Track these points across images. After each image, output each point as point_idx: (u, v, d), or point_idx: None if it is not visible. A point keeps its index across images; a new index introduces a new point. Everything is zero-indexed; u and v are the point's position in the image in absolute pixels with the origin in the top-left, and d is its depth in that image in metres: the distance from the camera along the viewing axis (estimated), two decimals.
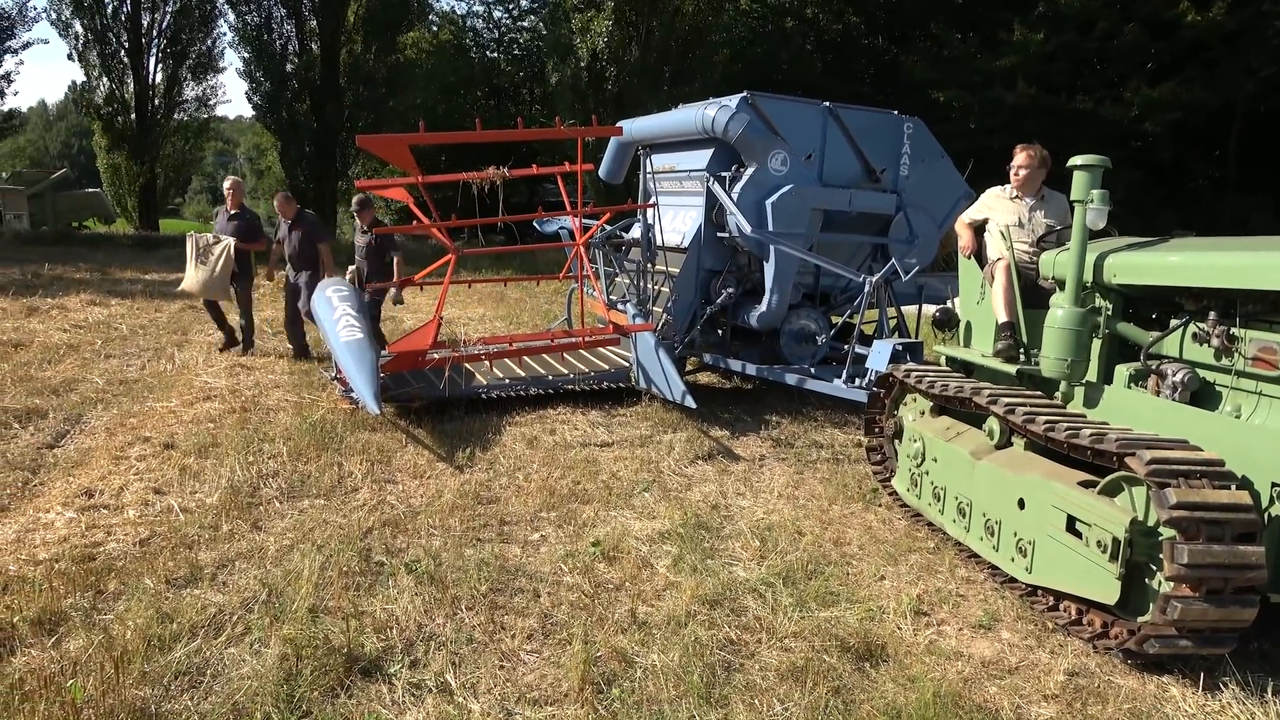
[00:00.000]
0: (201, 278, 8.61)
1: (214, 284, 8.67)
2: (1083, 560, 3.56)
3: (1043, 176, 5.22)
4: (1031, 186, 5.20)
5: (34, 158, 65.90)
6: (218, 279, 8.62)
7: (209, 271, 8.56)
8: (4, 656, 3.14)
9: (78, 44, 27.95)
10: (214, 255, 8.58)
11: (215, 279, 8.62)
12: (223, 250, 8.58)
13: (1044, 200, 5.20)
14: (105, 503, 4.83)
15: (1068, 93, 23.41)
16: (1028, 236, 5.17)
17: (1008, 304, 5.08)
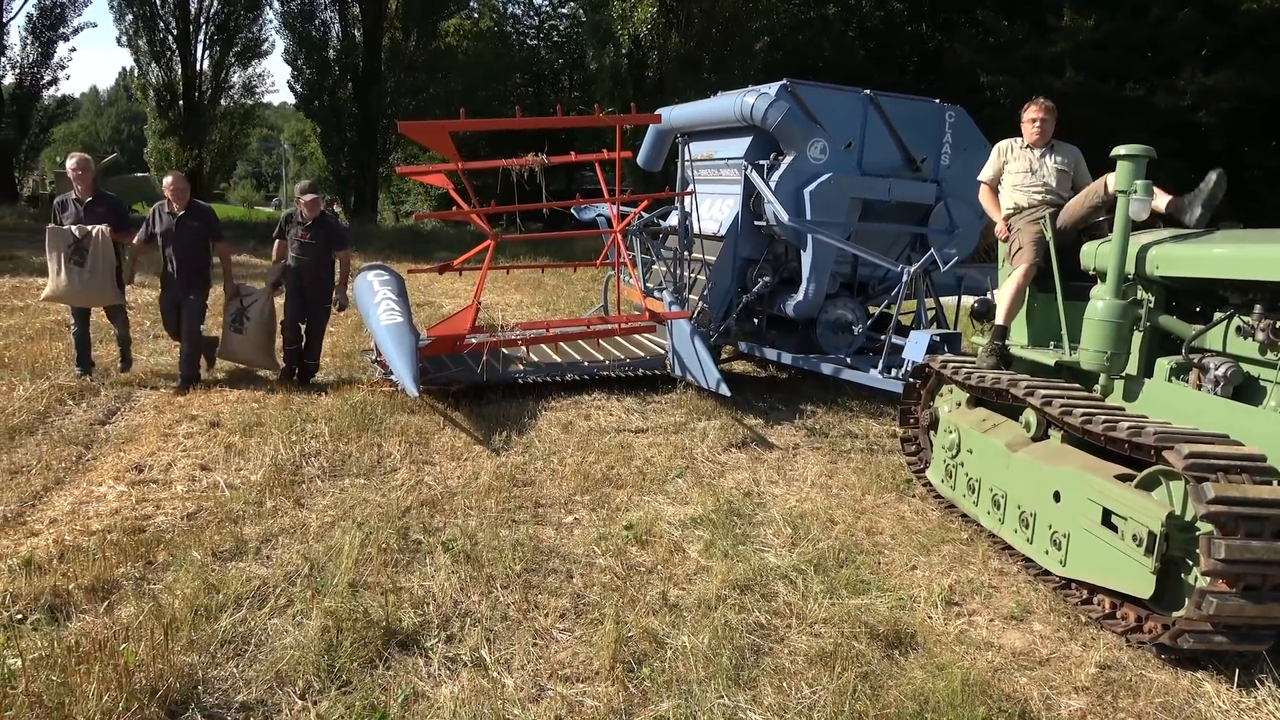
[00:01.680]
0: (80, 281, 6.77)
1: (97, 285, 6.84)
2: (1118, 554, 3.54)
3: (1054, 122, 5.31)
4: (1045, 137, 5.27)
5: (86, 143, 67.39)
6: (101, 279, 6.83)
7: (88, 271, 6.76)
8: (61, 621, 3.28)
9: (128, 30, 28.52)
10: (92, 251, 6.77)
11: (98, 279, 6.82)
12: (101, 243, 6.79)
13: (1053, 149, 5.27)
14: (154, 477, 4.98)
15: (1117, 80, 22.86)
16: (1039, 182, 5.25)
17: (1011, 309, 5.12)
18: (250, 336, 7.20)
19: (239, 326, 7.18)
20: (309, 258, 7.23)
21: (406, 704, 2.90)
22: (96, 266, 6.80)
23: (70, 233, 6.76)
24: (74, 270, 6.75)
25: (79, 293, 6.89)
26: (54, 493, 4.67)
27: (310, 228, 7.20)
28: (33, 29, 27.96)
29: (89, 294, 6.93)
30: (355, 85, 29.75)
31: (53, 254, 6.74)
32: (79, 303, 7.03)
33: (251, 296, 7.23)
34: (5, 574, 3.59)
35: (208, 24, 29.38)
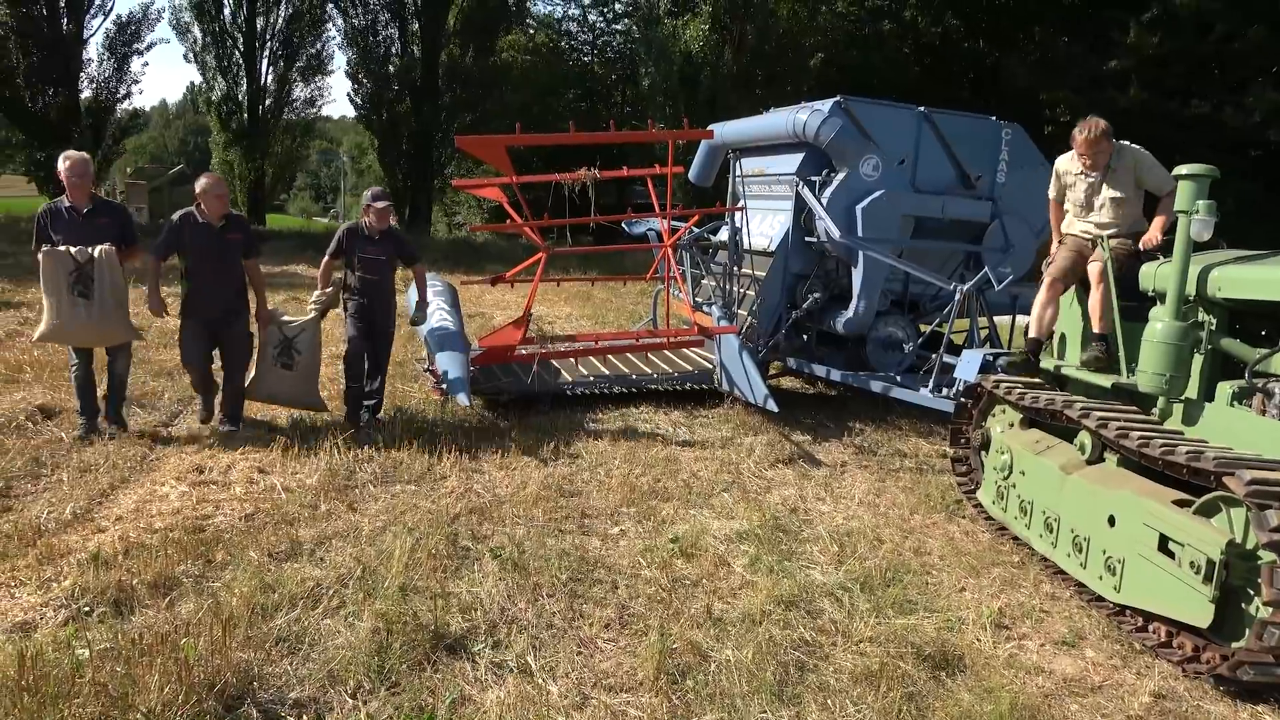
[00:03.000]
0: (87, 316, 5.44)
1: (109, 320, 5.52)
2: (1175, 581, 3.46)
3: (1106, 146, 4.97)
4: (1101, 161, 4.99)
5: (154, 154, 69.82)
6: (111, 312, 5.49)
7: (96, 304, 5.43)
8: (125, 614, 3.40)
9: (195, 46, 29.56)
10: (98, 278, 5.41)
11: (109, 313, 5.48)
12: (108, 266, 5.45)
13: (1110, 171, 4.99)
14: (214, 479, 5.13)
15: (1182, 97, 22.34)
16: (1094, 221, 5.05)
17: (1041, 321, 5.07)
18: (300, 372, 6.14)
19: (287, 361, 6.12)
20: (378, 276, 6.30)
21: (453, 707, 2.95)
22: (105, 297, 5.46)
23: (70, 257, 5.38)
24: (78, 304, 5.42)
25: (85, 331, 5.56)
26: (120, 491, 4.84)
27: (379, 241, 6.27)
28: (109, 45, 29.09)
29: (98, 332, 5.60)
30: (413, 100, 30.39)
31: (50, 284, 5.38)
32: (85, 343, 5.71)
33: (295, 325, 6.15)
34: (75, 568, 3.73)
35: (272, 40, 30.33)
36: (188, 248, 5.80)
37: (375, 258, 6.26)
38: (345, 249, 6.27)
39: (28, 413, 6.04)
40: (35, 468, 5.08)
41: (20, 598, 3.51)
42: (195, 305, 5.90)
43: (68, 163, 5.54)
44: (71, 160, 5.54)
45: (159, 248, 5.83)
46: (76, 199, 5.57)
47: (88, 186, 5.62)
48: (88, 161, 5.62)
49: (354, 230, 6.33)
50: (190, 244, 5.78)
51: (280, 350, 6.09)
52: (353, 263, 6.28)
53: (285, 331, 6.12)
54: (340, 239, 6.29)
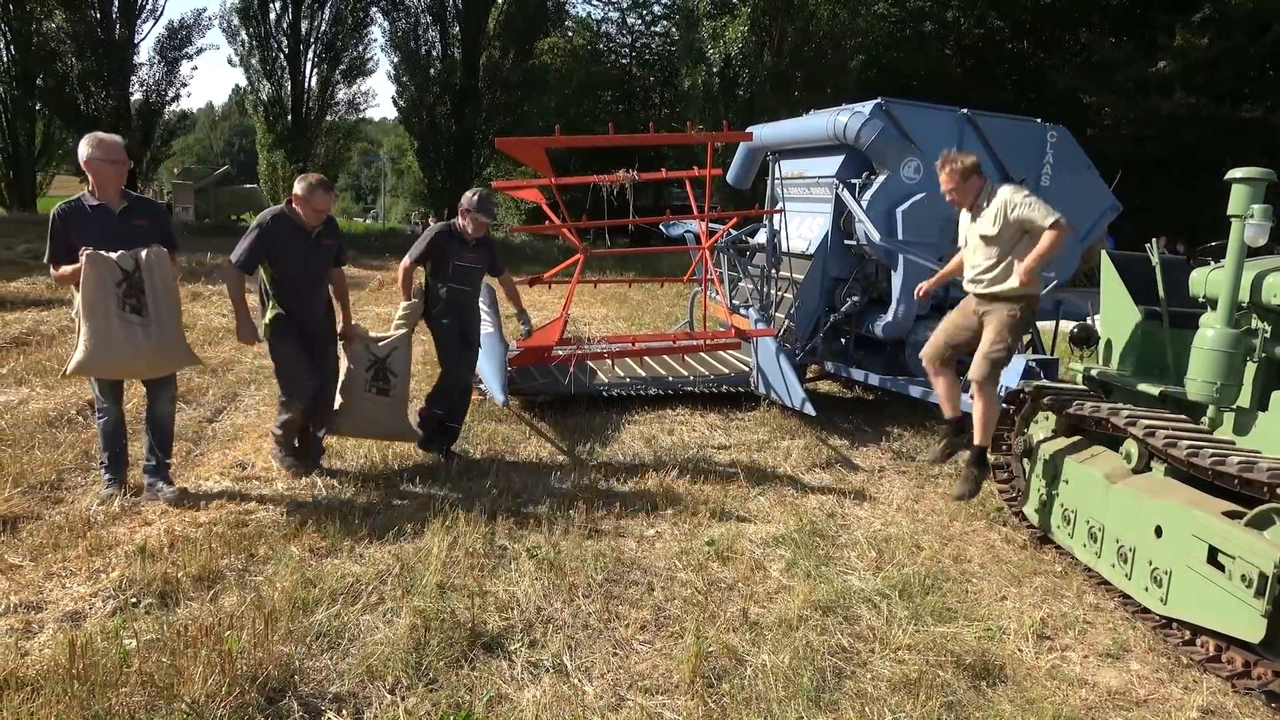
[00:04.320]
0: (144, 340, 4.34)
1: (169, 343, 4.48)
2: (1225, 594, 3.38)
3: (975, 183, 4.84)
4: (968, 199, 4.87)
5: (200, 155, 71.25)
6: (171, 332, 4.47)
7: (154, 323, 4.36)
8: (170, 606, 3.47)
9: (243, 50, 30.14)
10: (151, 289, 4.34)
11: (169, 333, 4.45)
12: (162, 274, 4.40)
13: (980, 208, 4.84)
14: (256, 474, 5.22)
15: (1233, 100, 21.85)
16: (970, 261, 4.92)
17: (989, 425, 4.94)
18: (396, 398, 5.34)
19: (383, 386, 5.26)
20: (472, 287, 5.67)
21: (490, 705, 2.96)
22: (162, 314, 4.38)
23: (114, 264, 4.22)
24: (131, 323, 4.28)
25: (139, 358, 4.37)
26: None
27: (476, 248, 5.60)
28: (160, 49, 29.77)
29: (155, 357, 4.45)
30: (453, 102, 30.69)
31: (92, 298, 4.20)
32: (134, 372, 4.59)
33: (387, 343, 5.33)
34: (122, 560, 3.82)
35: (316, 43, 30.81)
36: (279, 256, 4.90)
37: (471, 266, 5.59)
38: (437, 254, 5.53)
39: (78, 407, 6.20)
40: (85, 461, 5.21)
41: (71, 588, 3.60)
42: (290, 325, 4.97)
43: (99, 145, 4.31)
44: (104, 142, 4.34)
45: (246, 256, 4.81)
46: (107, 194, 4.37)
47: (123, 178, 4.46)
48: (122, 146, 4.47)
49: (449, 234, 5.57)
50: (282, 251, 4.89)
51: (374, 373, 5.25)
52: (444, 270, 5.52)
53: (375, 350, 5.28)
54: (432, 242, 5.51)
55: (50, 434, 5.62)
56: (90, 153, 4.31)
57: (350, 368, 5.27)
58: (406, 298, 5.58)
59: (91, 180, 4.37)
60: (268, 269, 4.93)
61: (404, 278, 5.59)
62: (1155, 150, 22.50)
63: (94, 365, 4.33)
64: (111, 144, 4.37)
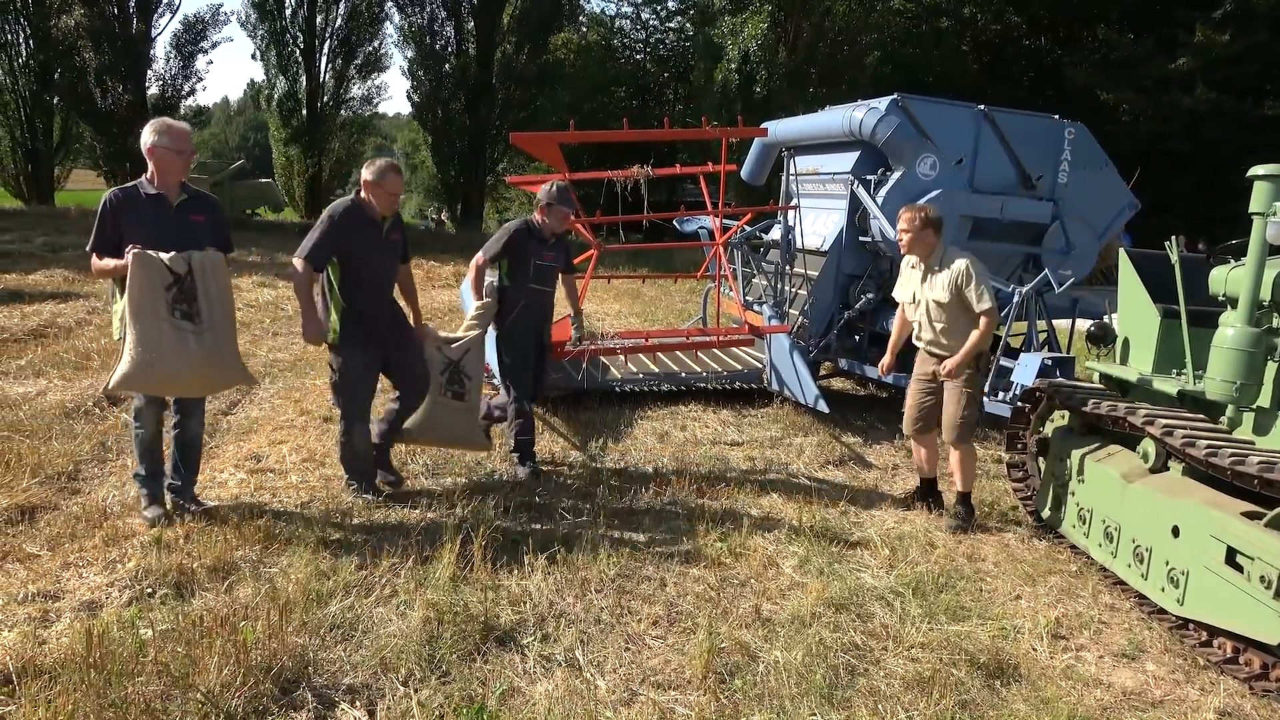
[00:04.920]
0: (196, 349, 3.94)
1: (222, 355, 4.08)
2: (1243, 595, 3.35)
3: (930, 238, 4.83)
4: (920, 251, 4.87)
5: (215, 149, 71.60)
6: (226, 343, 4.10)
7: (208, 331, 3.96)
8: (186, 597, 3.49)
9: (261, 44, 30.26)
10: (205, 294, 3.96)
11: (223, 344, 4.08)
12: (216, 280, 4.02)
13: (933, 271, 4.84)
14: (271, 467, 5.25)
15: (1255, 97, 21.62)
16: (919, 318, 4.92)
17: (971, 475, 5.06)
18: (470, 403, 5.05)
19: (458, 390, 4.95)
20: (551, 288, 5.43)
21: (503, 699, 2.97)
22: (216, 322, 3.99)
23: (163, 265, 3.83)
24: (183, 330, 3.89)
25: (190, 371, 3.95)
26: None
27: (554, 246, 5.34)
28: (176, 44, 29.92)
29: (208, 372, 4.05)
30: (467, 97, 30.71)
31: (139, 302, 3.79)
32: (184, 388, 4.13)
33: (460, 344, 5.03)
34: (138, 550, 3.84)
35: (332, 38, 30.90)
36: (349, 250, 4.53)
37: (550, 265, 5.31)
38: (515, 253, 5.21)
39: (95, 399, 6.24)
40: (101, 452, 5.25)
41: (88, 577, 3.63)
42: (360, 330, 4.59)
43: (166, 132, 4.00)
44: (173, 129, 4.03)
45: (317, 251, 4.43)
46: (167, 184, 4.04)
47: (187, 169, 4.16)
48: (190, 134, 4.16)
49: (528, 231, 5.24)
50: (352, 245, 4.53)
51: (449, 377, 4.94)
52: (523, 271, 5.20)
53: (448, 353, 4.97)
54: (510, 240, 5.18)
55: (67, 425, 5.67)
56: (155, 140, 3.99)
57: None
58: (478, 296, 5.21)
59: (152, 168, 4.04)
60: (334, 266, 4.55)
61: (476, 275, 5.20)
62: (1175, 147, 22.32)
63: (141, 377, 3.87)
64: (180, 132, 4.07)
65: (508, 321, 5.27)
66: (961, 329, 4.82)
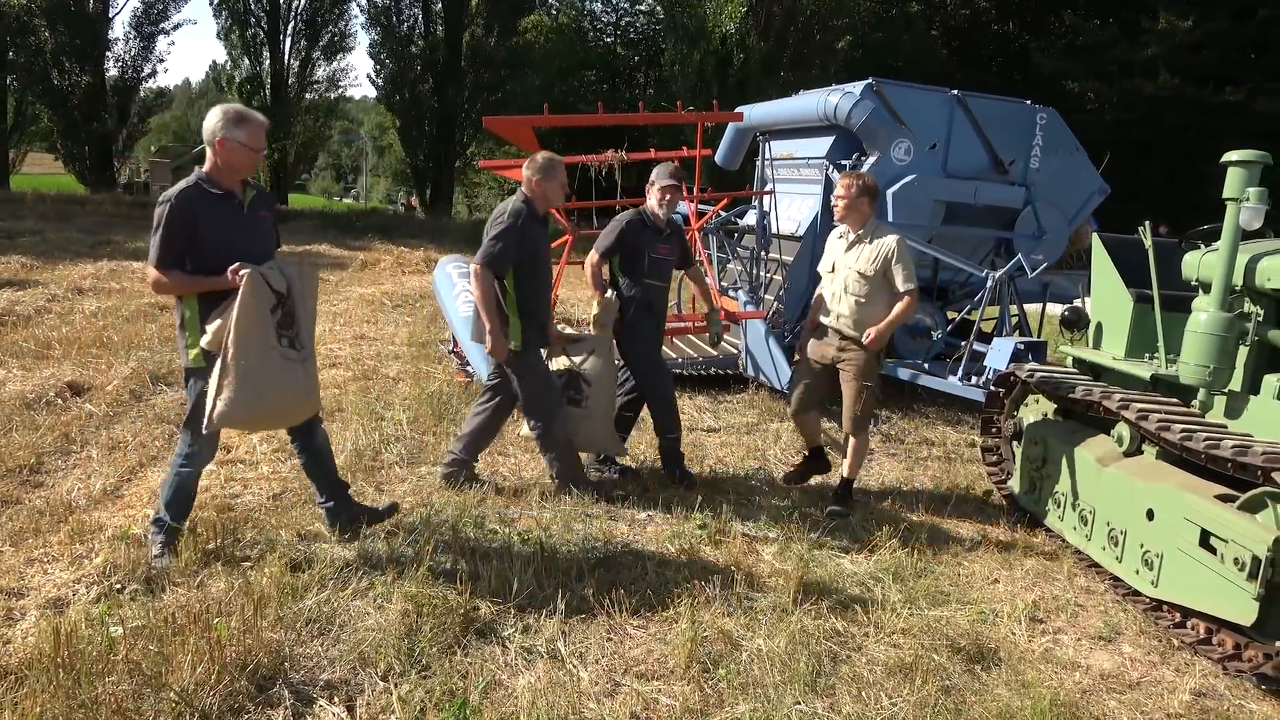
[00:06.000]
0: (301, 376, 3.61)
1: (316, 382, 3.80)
2: (1217, 577, 3.39)
3: (865, 208, 4.73)
4: (854, 220, 4.75)
5: (177, 133, 70.10)
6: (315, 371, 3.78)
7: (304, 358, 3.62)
8: (156, 592, 3.40)
9: (224, 25, 29.65)
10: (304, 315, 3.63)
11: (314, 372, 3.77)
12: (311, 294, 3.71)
13: (861, 241, 4.74)
14: (241, 458, 5.15)
15: (1216, 84, 21.94)
16: (836, 289, 4.78)
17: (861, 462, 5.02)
18: (594, 411, 4.81)
19: (575, 395, 4.78)
20: (666, 283, 5.14)
21: (485, 692, 2.93)
22: (309, 345, 3.68)
23: (268, 286, 3.43)
24: (292, 363, 3.54)
25: (296, 404, 3.67)
26: (149, 469, 4.86)
27: (669, 237, 4.99)
28: (136, 24, 29.22)
29: (307, 402, 3.73)
30: (435, 80, 30.34)
31: (248, 330, 3.36)
32: (283, 419, 3.77)
33: (581, 345, 4.84)
34: (106, 545, 3.74)
35: (296, 19, 30.35)
36: (525, 254, 4.38)
37: (666, 258, 5.00)
38: (629, 247, 4.89)
39: (57, 389, 6.08)
40: (65, 444, 5.12)
41: (53, 574, 3.53)
42: (535, 331, 4.53)
43: (244, 124, 3.49)
44: (251, 122, 3.52)
45: (504, 258, 4.31)
46: (233, 181, 3.56)
47: (255, 168, 3.75)
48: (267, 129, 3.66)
49: (641, 222, 4.90)
50: (530, 248, 4.39)
51: (566, 381, 4.76)
52: (639, 266, 4.88)
53: (571, 353, 4.81)
54: (624, 232, 4.85)
55: (29, 416, 5.51)
56: (228, 132, 3.45)
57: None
58: (598, 294, 4.84)
59: (219, 163, 3.49)
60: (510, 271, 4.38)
61: (594, 274, 4.85)
62: (1139, 134, 22.61)
63: (246, 414, 3.45)
64: (258, 126, 3.54)
65: (626, 320, 4.94)
66: (878, 305, 4.71)
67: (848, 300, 4.79)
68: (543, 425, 4.64)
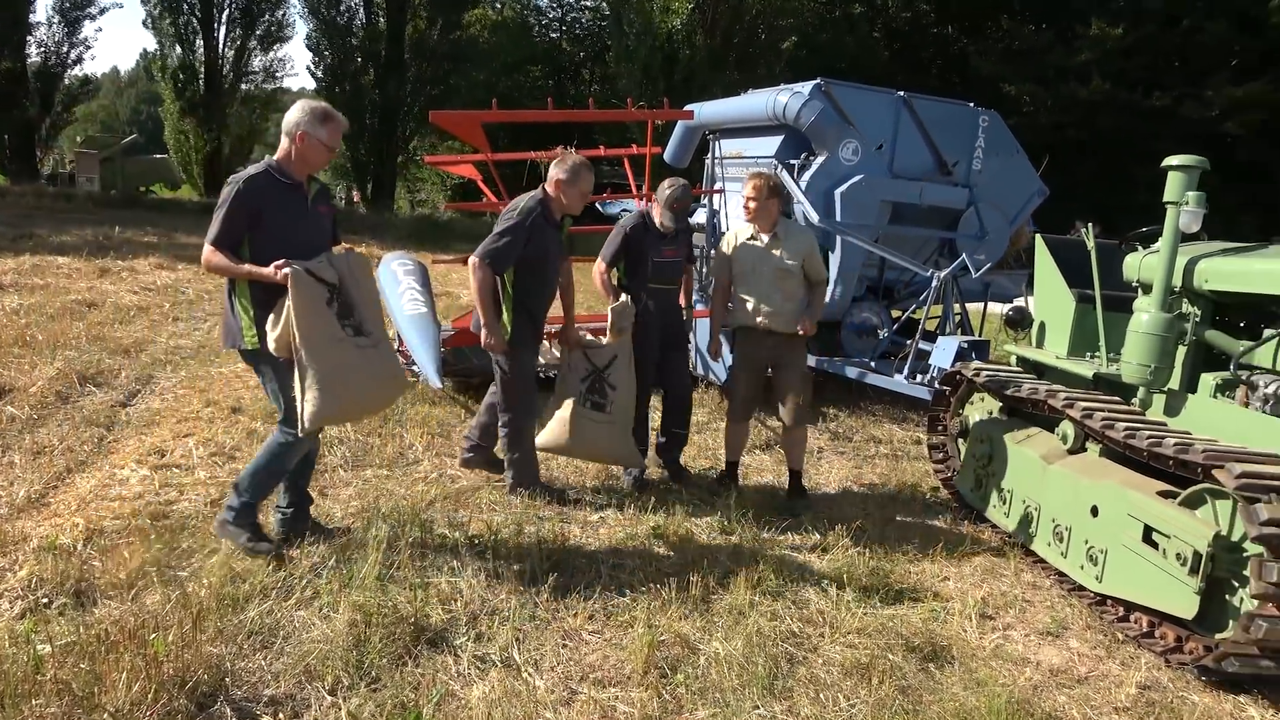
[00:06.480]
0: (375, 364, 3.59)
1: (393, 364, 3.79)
2: (1159, 572, 3.47)
3: (775, 207, 4.78)
4: (765, 221, 4.77)
5: (105, 123, 67.66)
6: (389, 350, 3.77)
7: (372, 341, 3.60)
8: (87, 607, 3.24)
9: (154, 11, 28.64)
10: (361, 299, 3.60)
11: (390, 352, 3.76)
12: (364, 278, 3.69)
13: (778, 238, 4.78)
14: (176, 462, 4.95)
15: (1145, 89, 22.67)
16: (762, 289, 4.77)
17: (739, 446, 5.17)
18: (617, 418, 4.70)
19: (599, 400, 4.65)
20: (673, 285, 5.14)
21: (439, 704, 2.85)
22: (378, 329, 3.67)
23: (316, 281, 3.42)
24: (363, 346, 3.54)
25: (381, 388, 3.69)
26: (76, 475, 4.64)
27: (674, 239, 5.03)
28: (60, 9, 28.08)
29: (392, 385, 3.77)
30: (377, 73, 29.79)
31: (310, 326, 3.39)
32: (373, 409, 4.00)
33: (605, 350, 4.72)
34: (31, 557, 3.56)
35: (230, 6, 29.48)
36: (530, 253, 4.40)
37: (672, 260, 5.04)
38: (633, 252, 4.94)
39: None
40: None
41: None
42: (531, 328, 4.58)
43: (326, 123, 3.52)
44: (334, 121, 3.54)
45: (506, 257, 4.36)
46: (302, 174, 3.59)
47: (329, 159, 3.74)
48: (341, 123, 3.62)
49: (644, 226, 4.95)
50: (537, 248, 4.41)
51: (590, 385, 4.64)
52: (641, 270, 4.93)
53: (593, 359, 4.67)
54: (627, 238, 4.91)
55: None
56: (311, 128, 3.48)
57: (564, 379, 4.72)
58: (611, 299, 4.80)
59: (294, 155, 3.52)
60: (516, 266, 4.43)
61: (603, 284, 4.91)
62: (1073, 136, 23.22)
63: (336, 409, 3.50)
64: (339, 127, 3.57)
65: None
66: (800, 297, 4.83)
67: (777, 297, 4.81)
68: (514, 423, 4.63)
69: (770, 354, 4.92)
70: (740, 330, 4.98)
